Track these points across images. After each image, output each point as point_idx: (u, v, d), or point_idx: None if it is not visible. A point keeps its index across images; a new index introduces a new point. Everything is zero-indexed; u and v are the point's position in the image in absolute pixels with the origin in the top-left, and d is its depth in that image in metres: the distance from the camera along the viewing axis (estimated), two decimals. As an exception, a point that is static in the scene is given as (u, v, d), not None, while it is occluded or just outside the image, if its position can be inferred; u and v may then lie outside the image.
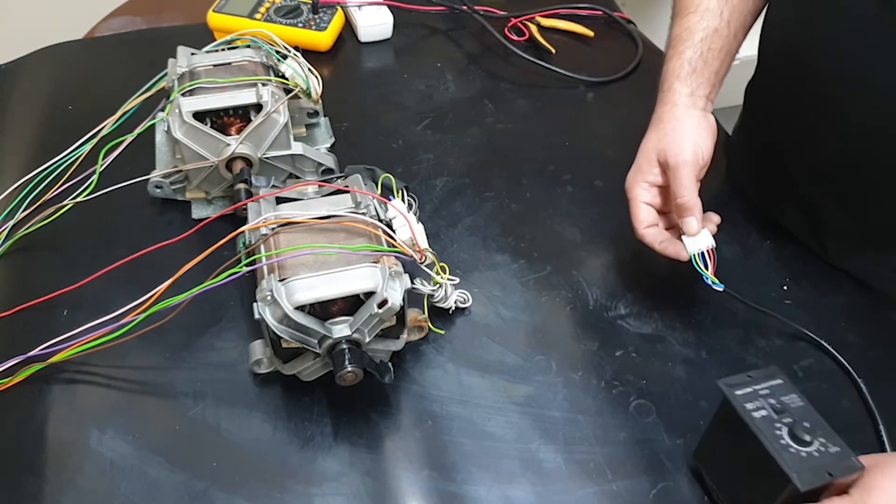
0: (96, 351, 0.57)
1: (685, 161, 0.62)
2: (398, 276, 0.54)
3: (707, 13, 0.66)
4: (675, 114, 0.64)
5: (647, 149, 0.65)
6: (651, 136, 0.65)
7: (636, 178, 0.65)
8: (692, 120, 0.64)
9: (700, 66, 0.65)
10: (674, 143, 0.62)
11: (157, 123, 0.75)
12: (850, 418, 0.60)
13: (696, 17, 0.66)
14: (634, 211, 0.64)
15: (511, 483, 0.56)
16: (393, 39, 0.97)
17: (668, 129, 0.64)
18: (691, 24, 0.66)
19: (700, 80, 0.65)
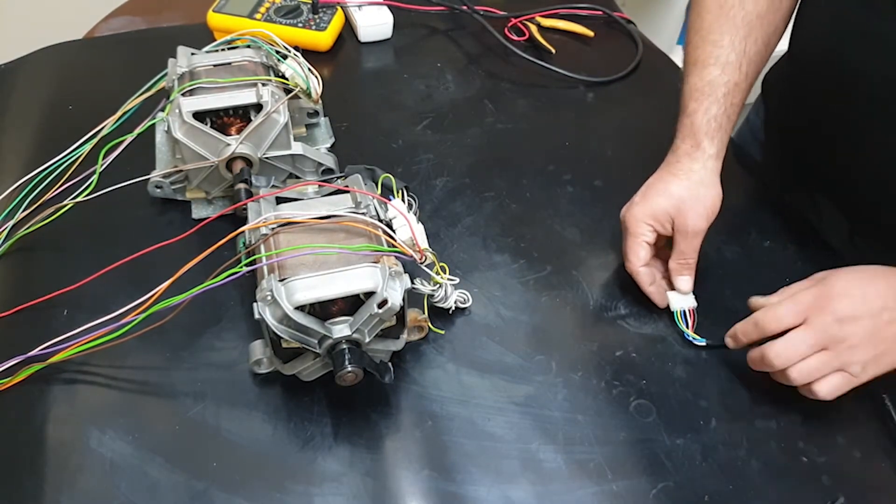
0: (96, 351, 0.57)
1: (702, 230, 0.64)
2: (398, 276, 0.54)
3: (728, 67, 0.66)
4: (703, 178, 0.65)
5: (664, 197, 0.64)
6: (672, 187, 0.65)
7: (644, 218, 0.65)
8: (715, 190, 0.65)
9: (724, 123, 0.66)
10: (694, 210, 0.64)
11: (157, 123, 0.75)
12: (851, 418, 0.60)
13: (717, 71, 0.66)
14: (635, 247, 0.65)
15: (511, 483, 0.56)
16: (393, 39, 0.97)
17: (693, 192, 0.64)
18: (713, 78, 0.66)
19: (724, 137, 0.66)
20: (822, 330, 0.55)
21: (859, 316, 0.55)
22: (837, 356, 0.55)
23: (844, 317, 0.55)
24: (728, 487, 0.56)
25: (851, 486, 0.57)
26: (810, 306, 0.56)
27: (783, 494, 0.54)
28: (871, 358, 0.55)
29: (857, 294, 0.56)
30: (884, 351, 0.55)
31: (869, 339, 0.55)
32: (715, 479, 0.57)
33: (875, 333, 0.55)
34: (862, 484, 0.57)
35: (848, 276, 0.57)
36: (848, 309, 0.55)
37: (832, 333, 0.55)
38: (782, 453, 0.58)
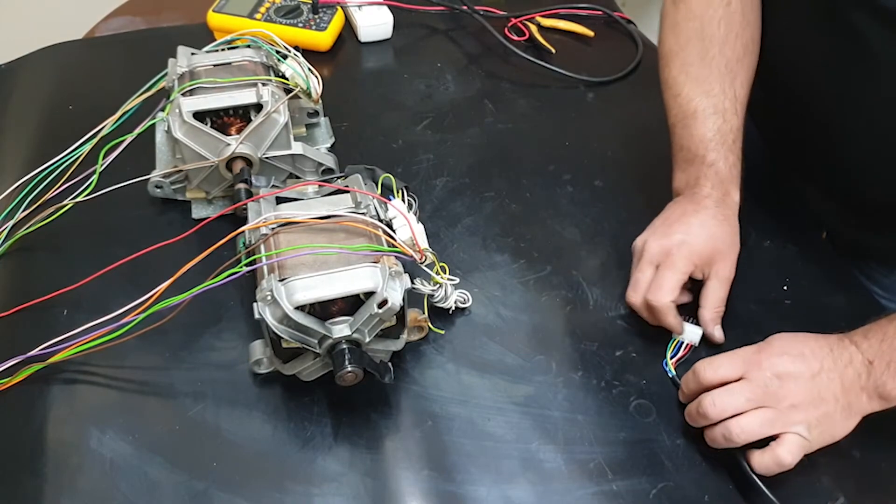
0: (96, 351, 0.57)
1: (730, 278, 0.65)
2: (398, 276, 0.54)
3: (727, 113, 0.68)
4: (735, 228, 0.66)
5: (710, 240, 0.64)
6: (717, 231, 0.65)
7: (692, 256, 0.63)
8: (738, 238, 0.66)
9: (740, 169, 0.68)
10: (733, 259, 0.65)
11: (157, 123, 0.75)
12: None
13: (719, 120, 0.67)
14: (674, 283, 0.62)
15: (511, 483, 0.56)
16: (393, 39, 0.97)
17: (734, 239, 0.65)
18: (719, 127, 0.67)
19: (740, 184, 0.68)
20: (760, 384, 0.54)
21: (798, 374, 0.54)
22: (780, 415, 0.54)
23: (782, 373, 0.54)
24: (728, 487, 0.56)
25: (851, 486, 0.57)
26: (748, 361, 0.56)
27: (783, 494, 0.54)
28: (814, 418, 0.54)
29: (795, 352, 0.55)
30: (824, 414, 0.54)
31: (809, 398, 0.54)
32: (715, 479, 0.57)
33: (815, 392, 0.54)
34: (862, 484, 0.57)
35: (787, 337, 0.57)
36: (786, 366, 0.55)
37: (771, 390, 0.54)
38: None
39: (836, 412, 0.54)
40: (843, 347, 0.55)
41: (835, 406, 0.54)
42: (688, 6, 0.70)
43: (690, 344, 0.64)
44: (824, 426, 0.54)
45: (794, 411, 0.54)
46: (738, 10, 0.68)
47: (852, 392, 0.54)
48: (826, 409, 0.54)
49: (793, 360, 0.55)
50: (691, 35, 0.69)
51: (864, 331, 0.56)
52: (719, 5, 0.68)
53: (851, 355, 0.54)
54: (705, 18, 0.69)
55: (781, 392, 0.54)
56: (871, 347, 0.54)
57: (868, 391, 0.54)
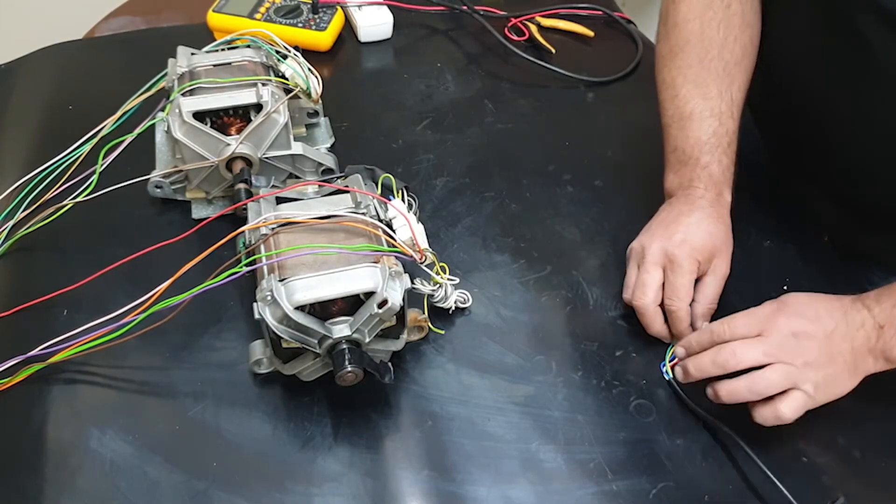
0: (96, 351, 0.57)
1: (726, 275, 0.65)
2: (398, 276, 0.54)
3: (723, 117, 0.68)
4: (728, 226, 0.67)
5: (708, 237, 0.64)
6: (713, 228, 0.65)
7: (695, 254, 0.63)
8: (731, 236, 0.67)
9: (733, 172, 0.68)
10: (728, 256, 0.65)
11: (157, 123, 0.75)
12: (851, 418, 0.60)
13: (715, 122, 0.67)
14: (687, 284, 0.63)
15: (511, 483, 0.56)
16: (393, 39, 0.97)
17: (729, 237, 0.66)
18: (715, 130, 0.67)
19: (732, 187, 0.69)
20: (777, 342, 0.55)
21: (813, 333, 0.55)
22: (795, 371, 0.55)
23: (799, 332, 0.55)
24: (728, 487, 0.56)
25: (851, 486, 0.57)
26: (765, 320, 0.57)
27: (783, 494, 0.54)
28: (822, 378, 0.55)
29: (811, 313, 0.56)
30: (833, 373, 0.55)
31: (822, 357, 0.55)
32: (715, 479, 0.57)
33: (828, 352, 0.55)
34: (862, 484, 0.57)
35: (802, 297, 0.58)
36: (802, 325, 0.56)
37: (788, 347, 0.55)
38: (782, 453, 0.58)
39: (843, 372, 0.55)
40: (857, 310, 0.56)
41: (843, 367, 0.55)
42: (688, 7, 0.70)
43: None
44: (830, 385, 0.55)
45: (807, 369, 0.55)
46: (738, 13, 0.69)
47: (860, 354, 0.55)
48: (834, 369, 0.55)
49: (809, 320, 0.56)
50: (690, 37, 0.69)
51: (876, 294, 0.56)
52: (719, 7, 0.68)
53: (864, 319, 0.55)
54: (705, 20, 0.68)
55: (797, 350, 0.55)
56: (883, 312, 0.55)
57: (875, 353, 0.55)
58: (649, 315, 0.63)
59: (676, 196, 0.68)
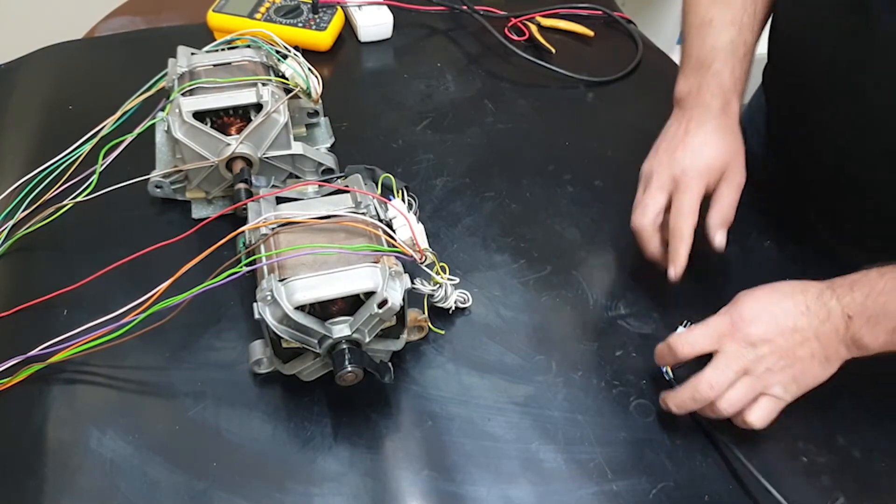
0: (96, 351, 0.57)
1: (741, 183, 0.65)
2: (398, 276, 0.54)
3: (743, 28, 0.68)
4: (737, 134, 0.66)
5: (715, 149, 0.64)
6: (721, 139, 0.64)
7: (703, 171, 0.63)
8: (742, 143, 0.67)
9: (744, 83, 0.68)
10: (742, 163, 0.65)
11: (157, 123, 0.75)
12: (851, 418, 0.60)
13: (734, 31, 0.68)
14: (693, 203, 0.63)
15: (511, 483, 0.56)
16: (393, 39, 0.97)
17: (739, 144, 0.65)
18: (733, 38, 0.67)
19: (741, 97, 0.68)
20: (738, 355, 0.55)
21: (771, 338, 0.55)
22: (758, 380, 0.55)
23: (755, 340, 0.55)
24: (728, 487, 0.56)
25: (851, 486, 0.57)
26: (723, 333, 0.56)
27: (783, 494, 0.54)
28: (789, 378, 0.55)
29: (766, 318, 0.56)
30: (801, 370, 0.55)
31: (784, 360, 0.55)
32: (715, 479, 0.57)
33: (789, 353, 0.55)
34: (862, 484, 0.57)
35: (756, 300, 0.57)
36: (759, 332, 0.55)
37: (748, 358, 0.55)
38: (782, 453, 0.58)
39: (812, 365, 0.55)
40: (822, 303, 0.55)
41: (811, 360, 0.55)
42: None
43: None
44: (801, 380, 0.55)
45: (770, 374, 0.55)
46: None
47: (830, 346, 0.55)
48: (802, 366, 0.55)
49: (765, 325, 0.55)
50: None
51: (850, 282, 0.56)
52: None
53: (830, 310, 0.55)
54: None
55: (757, 357, 0.55)
56: (854, 301, 0.54)
57: (846, 343, 0.55)
58: (646, 235, 0.64)
59: (682, 105, 0.68)
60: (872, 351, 0.54)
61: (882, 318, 0.53)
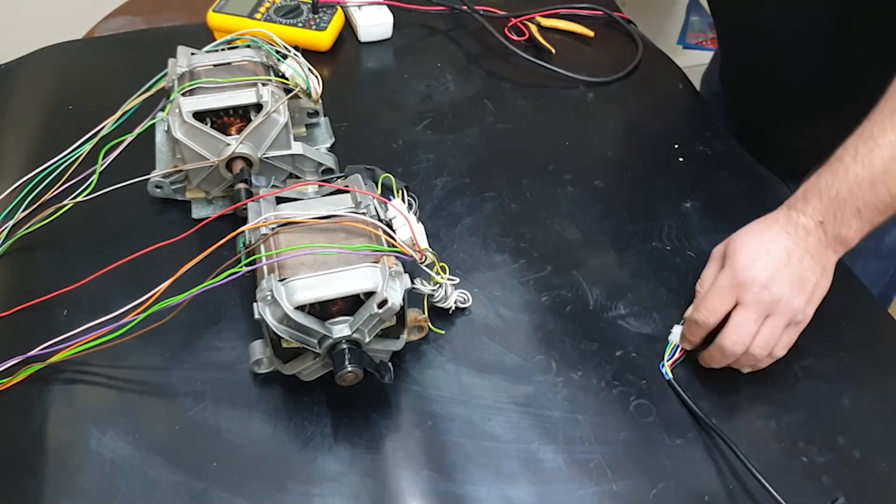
0: (96, 351, 0.57)
1: None
2: (398, 276, 0.54)
3: None
4: None
5: None
6: None
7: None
8: None
9: None
10: None
11: (157, 123, 0.75)
12: (851, 418, 0.60)
13: None
14: None
15: (511, 483, 0.56)
16: (393, 39, 0.97)
17: None
18: None
19: None
20: (756, 301, 0.58)
21: (776, 273, 0.58)
22: (781, 316, 0.58)
23: (764, 281, 0.58)
24: (728, 487, 0.56)
25: (851, 486, 0.57)
26: (734, 286, 0.59)
27: (783, 494, 0.54)
28: (806, 300, 0.58)
29: (763, 255, 0.58)
30: (813, 285, 0.58)
31: (796, 287, 0.58)
32: (715, 479, 0.57)
33: (797, 278, 0.58)
34: (862, 484, 0.57)
35: (745, 245, 0.60)
36: (764, 272, 0.58)
37: (766, 300, 0.58)
38: (782, 453, 0.58)
39: (817, 282, 0.59)
40: (796, 224, 0.59)
41: (813, 277, 0.58)
42: None
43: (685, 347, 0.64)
44: (814, 299, 0.59)
45: (790, 305, 0.58)
46: None
47: (820, 256, 0.59)
48: (808, 285, 0.58)
49: (764, 264, 0.58)
50: None
51: (801, 195, 0.60)
52: None
53: (805, 226, 0.59)
54: None
55: (774, 296, 0.58)
56: (815, 208, 0.58)
57: (832, 246, 0.59)
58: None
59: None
60: (854, 240, 0.58)
61: (842, 208, 0.57)
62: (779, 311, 0.58)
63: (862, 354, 0.64)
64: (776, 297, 0.58)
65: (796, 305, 0.58)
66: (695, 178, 0.79)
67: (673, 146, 0.82)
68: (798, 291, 0.58)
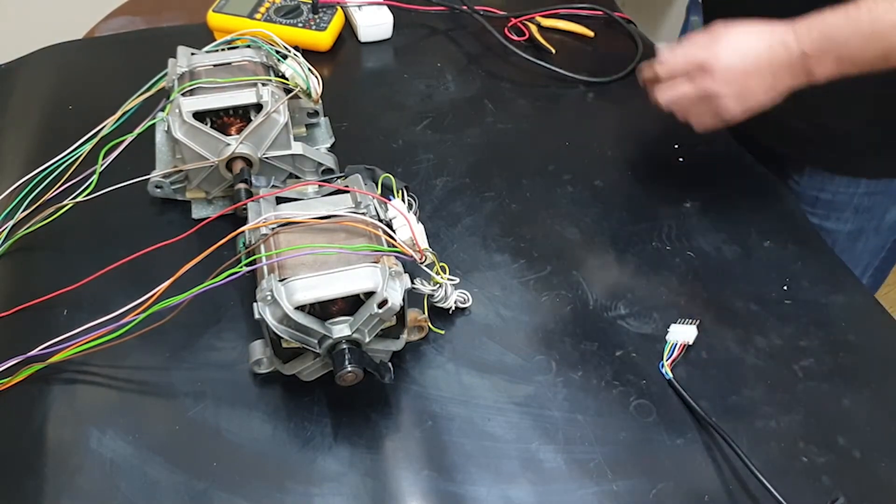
0: (96, 351, 0.57)
1: None
2: (398, 276, 0.54)
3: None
4: None
5: None
6: None
7: None
8: None
9: None
10: None
11: (157, 123, 0.75)
12: (851, 418, 0.60)
13: None
14: None
15: (511, 483, 0.56)
16: (393, 39, 0.97)
17: None
18: None
19: None
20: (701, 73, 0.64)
21: (730, 67, 0.63)
22: (704, 92, 0.64)
23: (720, 68, 0.63)
24: (728, 487, 0.56)
25: (851, 486, 0.57)
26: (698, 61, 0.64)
27: (783, 494, 0.54)
28: (734, 95, 0.63)
29: (733, 52, 0.63)
30: (747, 94, 0.63)
31: (733, 85, 0.63)
32: (715, 479, 0.57)
33: (741, 81, 0.63)
34: (862, 484, 0.57)
35: (732, 38, 0.64)
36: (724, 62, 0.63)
37: (707, 86, 0.63)
38: (782, 453, 0.58)
39: (758, 93, 0.64)
40: (784, 45, 0.62)
41: (758, 88, 0.63)
42: None
43: (684, 344, 0.64)
44: (744, 102, 0.64)
45: (718, 88, 0.64)
46: None
47: (781, 80, 0.63)
48: (748, 92, 0.64)
49: (729, 58, 0.63)
50: None
51: (810, 21, 0.61)
52: None
53: (790, 51, 0.62)
54: None
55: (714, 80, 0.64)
56: (811, 38, 0.61)
57: (797, 77, 0.62)
58: None
59: None
60: (820, 80, 0.62)
61: (830, 48, 0.60)
62: (705, 86, 0.63)
63: (862, 354, 0.64)
64: (714, 79, 0.63)
65: (724, 92, 0.63)
66: (695, 178, 0.79)
67: (673, 146, 0.82)
68: (735, 89, 0.63)
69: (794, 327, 0.66)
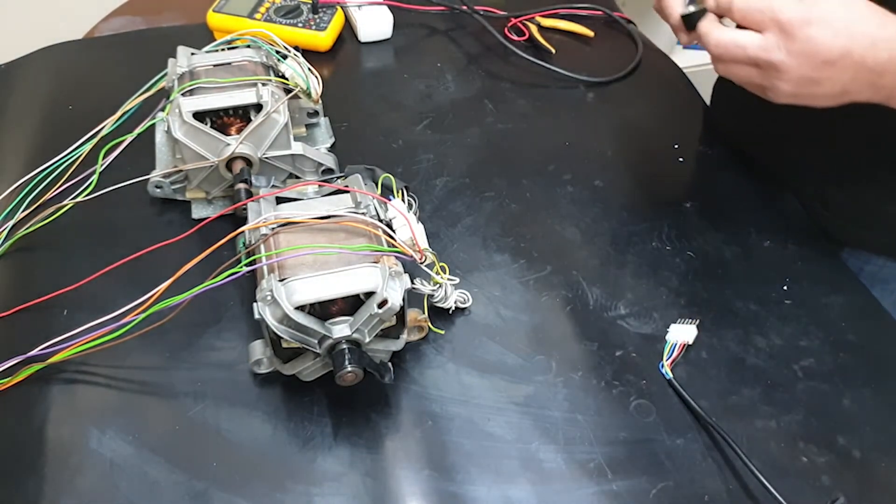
0: (96, 351, 0.57)
1: None
2: (398, 276, 0.54)
3: None
4: None
5: None
6: None
7: None
8: None
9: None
10: None
11: (157, 123, 0.75)
12: (851, 418, 0.60)
13: None
14: None
15: (511, 483, 0.56)
16: (393, 39, 0.97)
17: None
18: None
19: None
20: (767, 48, 0.54)
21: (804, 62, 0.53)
22: (765, 75, 0.55)
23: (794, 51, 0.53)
24: (728, 487, 0.56)
25: (851, 486, 0.57)
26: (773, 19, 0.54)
27: (783, 494, 0.54)
28: (790, 92, 0.55)
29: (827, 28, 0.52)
30: (806, 96, 0.55)
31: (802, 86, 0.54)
32: (715, 479, 0.57)
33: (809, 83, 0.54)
34: (862, 484, 0.57)
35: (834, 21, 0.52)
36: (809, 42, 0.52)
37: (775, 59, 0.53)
38: (782, 453, 0.58)
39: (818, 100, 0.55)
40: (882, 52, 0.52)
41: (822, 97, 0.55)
42: None
43: (684, 344, 0.64)
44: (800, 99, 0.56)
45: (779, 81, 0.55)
46: None
47: (856, 94, 0.54)
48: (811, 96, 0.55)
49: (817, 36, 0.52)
50: None
51: None
52: None
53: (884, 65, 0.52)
54: None
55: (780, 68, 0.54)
56: None
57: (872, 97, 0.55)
58: None
59: None
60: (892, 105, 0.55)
61: None
62: (767, 73, 0.54)
63: (862, 354, 0.64)
64: (780, 68, 0.53)
65: (782, 87, 0.54)
66: (695, 178, 0.79)
67: (673, 146, 0.82)
68: (796, 86, 0.54)
69: (794, 327, 0.66)
